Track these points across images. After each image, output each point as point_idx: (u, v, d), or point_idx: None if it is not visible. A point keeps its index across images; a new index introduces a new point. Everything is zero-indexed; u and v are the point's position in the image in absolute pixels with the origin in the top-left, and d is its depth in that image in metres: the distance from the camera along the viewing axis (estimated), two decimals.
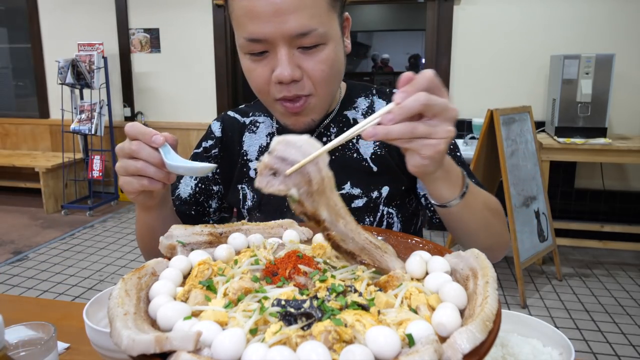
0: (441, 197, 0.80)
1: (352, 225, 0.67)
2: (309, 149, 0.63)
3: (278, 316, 0.53)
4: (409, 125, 0.63)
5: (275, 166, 0.64)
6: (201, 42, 4.75)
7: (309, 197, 0.64)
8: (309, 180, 0.63)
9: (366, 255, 0.68)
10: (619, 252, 3.75)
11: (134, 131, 0.76)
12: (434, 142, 0.65)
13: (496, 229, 0.93)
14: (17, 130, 5.48)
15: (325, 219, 0.65)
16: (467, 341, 0.47)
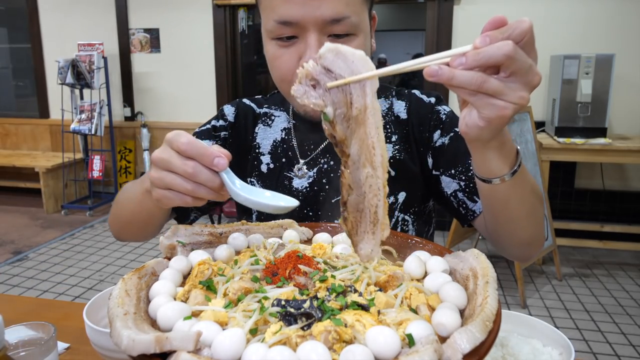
0: (489, 170, 0.71)
1: (374, 183, 0.58)
2: (360, 67, 0.56)
3: (278, 316, 0.53)
4: (480, 76, 0.54)
5: (318, 77, 0.58)
6: (201, 42, 4.75)
7: (344, 121, 0.57)
8: (349, 103, 0.57)
9: (353, 218, 0.61)
10: (619, 252, 3.75)
11: (191, 150, 0.63)
12: (501, 104, 0.56)
13: (539, 218, 0.84)
14: (17, 130, 5.48)
15: (351, 154, 0.58)
16: (467, 341, 0.47)
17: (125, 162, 5.12)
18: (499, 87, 0.55)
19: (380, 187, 0.58)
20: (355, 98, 0.57)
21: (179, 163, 0.64)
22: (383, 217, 0.60)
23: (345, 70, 0.56)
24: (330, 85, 0.57)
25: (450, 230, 3.29)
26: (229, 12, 4.63)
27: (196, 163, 0.64)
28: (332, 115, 0.57)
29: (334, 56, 0.57)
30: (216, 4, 4.59)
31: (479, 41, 0.53)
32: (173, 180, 0.65)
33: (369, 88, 0.56)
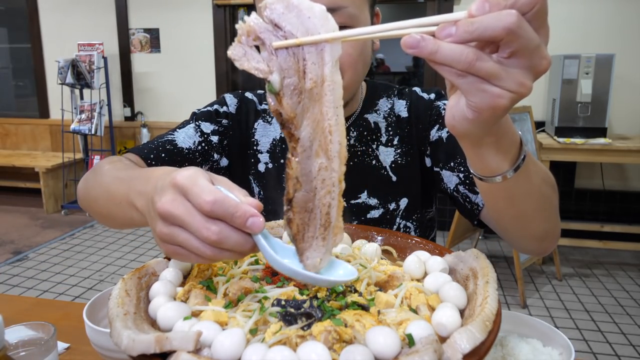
0: (486, 168, 0.60)
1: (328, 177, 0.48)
2: (319, 25, 0.45)
3: (278, 316, 0.53)
4: (471, 52, 0.42)
5: (263, 34, 0.46)
6: (201, 42, 4.75)
7: (295, 95, 0.46)
8: (302, 71, 0.46)
9: (299, 220, 0.50)
10: (619, 252, 3.75)
11: (218, 210, 0.48)
12: (495, 92, 0.44)
13: (553, 210, 0.74)
14: (17, 130, 5.48)
15: (301, 138, 0.47)
16: (467, 341, 0.47)
17: None
18: (494, 69, 0.43)
19: (336, 183, 0.49)
20: (310, 66, 0.46)
21: (199, 226, 0.48)
22: (336, 220, 0.50)
23: (298, 28, 0.45)
24: (276, 44, 0.45)
25: (450, 230, 3.29)
26: (229, 12, 4.63)
27: (223, 226, 0.48)
28: (278, 85, 0.46)
29: (284, 8, 0.45)
30: (216, 4, 4.59)
31: (475, 8, 0.42)
32: (187, 241, 0.50)
33: (329, 55, 0.45)
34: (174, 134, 0.99)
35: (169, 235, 0.51)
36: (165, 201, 0.50)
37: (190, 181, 0.49)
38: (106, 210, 0.77)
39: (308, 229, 0.51)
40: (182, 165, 0.94)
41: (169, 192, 0.50)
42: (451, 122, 0.52)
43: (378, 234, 0.79)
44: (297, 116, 0.47)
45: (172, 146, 0.96)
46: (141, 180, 0.63)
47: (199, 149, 0.99)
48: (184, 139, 0.98)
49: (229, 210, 0.48)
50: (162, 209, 0.50)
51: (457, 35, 0.42)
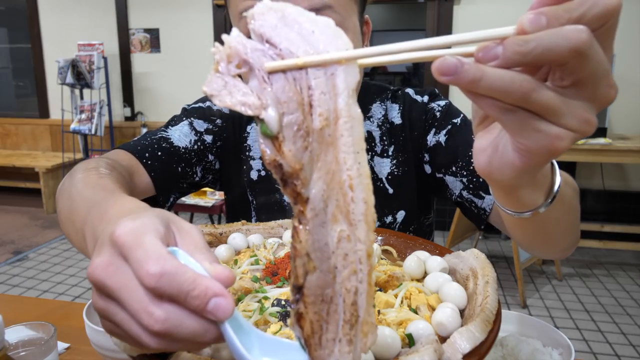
0: (517, 204, 0.52)
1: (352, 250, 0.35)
2: (326, 42, 0.34)
3: (278, 316, 0.53)
4: (525, 81, 0.33)
5: (249, 56, 0.34)
6: (201, 42, 4.75)
7: (299, 138, 0.34)
8: (307, 105, 0.34)
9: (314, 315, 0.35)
10: (619, 252, 3.75)
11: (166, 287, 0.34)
12: (552, 132, 0.35)
13: (578, 222, 0.67)
14: (17, 130, 5.48)
15: (311, 198, 0.34)
16: (467, 341, 0.47)
17: None
18: (554, 102, 0.34)
19: (363, 258, 0.35)
20: (318, 97, 0.34)
21: (138, 308, 0.34)
22: (366, 312, 0.35)
23: (299, 46, 0.34)
24: (270, 66, 0.34)
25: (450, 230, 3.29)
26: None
27: (173, 309, 0.34)
28: (276, 125, 0.34)
29: (278, 19, 0.34)
30: (216, 4, 4.59)
31: (528, 22, 0.32)
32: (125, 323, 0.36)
33: (343, 81, 0.34)
34: (168, 132, 0.93)
35: (104, 310, 0.37)
36: (99, 264, 0.36)
37: (133, 239, 0.35)
38: (66, 229, 0.65)
39: (327, 329, 0.35)
40: (179, 165, 0.90)
41: (106, 252, 0.37)
42: (486, 169, 0.42)
43: (378, 234, 0.79)
44: (304, 167, 0.34)
45: (168, 144, 0.90)
46: (98, 214, 0.49)
47: (195, 148, 0.94)
48: (180, 137, 0.93)
49: (183, 288, 0.34)
50: (94, 276, 0.36)
51: (505, 58, 0.32)
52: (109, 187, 0.61)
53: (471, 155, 0.83)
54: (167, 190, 0.91)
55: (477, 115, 0.44)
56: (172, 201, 0.94)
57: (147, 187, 0.86)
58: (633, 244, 3.54)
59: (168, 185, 0.90)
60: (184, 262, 0.36)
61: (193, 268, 0.35)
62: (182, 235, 0.39)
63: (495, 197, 0.54)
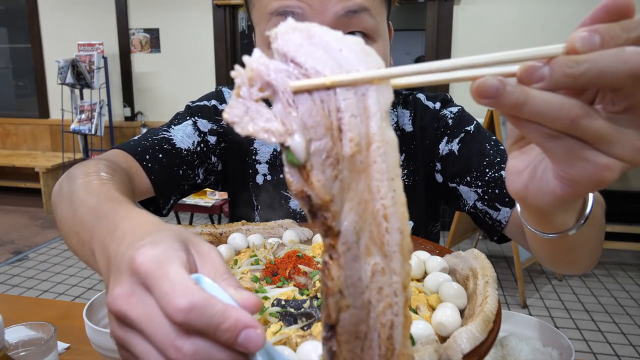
0: (550, 227, 0.50)
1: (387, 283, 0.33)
2: (355, 61, 0.32)
3: (278, 316, 0.53)
4: (575, 106, 0.31)
5: (272, 77, 0.31)
6: (201, 42, 4.75)
7: (328, 166, 0.31)
8: (337, 129, 0.31)
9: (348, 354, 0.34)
10: (619, 252, 3.75)
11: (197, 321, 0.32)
12: (601, 162, 0.32)
13: (602, 239, 0.65)
14: (17, 130, 5.48)
15: (342, 232, 0.32)
16: (467, 341, 0.47)
17: None
18: (605, 130, 0.31)
19: (399, 291, 0.33)
20: (348, 120, 0.31)
21: (165, 341, 0.32)
22: (402, 345, 0.34)
23: (326, 64, 0.31)
24: (295, 85, 0.31)
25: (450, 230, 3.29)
26: (229, 12, 4.63)
27: (201, 343, 0.32)
28: (303, 153, 0.31)
29: (304, 38, 0.32)
30: (216, 4, 4.59)
31: (580, 40, 0.29)
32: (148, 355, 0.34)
33: (375, 102, 0.31)
34: (170, 132, 0.91)
35: (124, 341, 0.35)
36: (120, 294, 0.34)
37: (156, 269, 0.33)
38: (69, 240, 0.61)
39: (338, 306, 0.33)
40: (180, 167, 0.88)
41: (126, 281, 0.35)
42: (521, 193, 0.39)
43: None
44: (335, 199, 0.31)
45: (169, 145, 0.88)
46: (107, 228, 0.47)
47: (198, 150, 0.91)
48: (182, 138, 0.90)
49: (212, 321, 0.32)
50: (115, 307, 0.34)
51: (553, 80, 0.29)
52: (114, 196, 0.58)
53: (485, 164, 0.82)
54: (167, 193, 0.89)
55: (512, 134, 0.41)
56: (172, 203, 0.92)
57: (146, 189, 0.84)
58: (633, 244, 3.54)
59: (168, 188, 0.88)
60: (209, 289, 0.34)
61: (219, 297, 0.33)
62: (202, 259, 0.37)
63: (523, 216, 0.52)
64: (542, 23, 3.93)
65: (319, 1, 0.66)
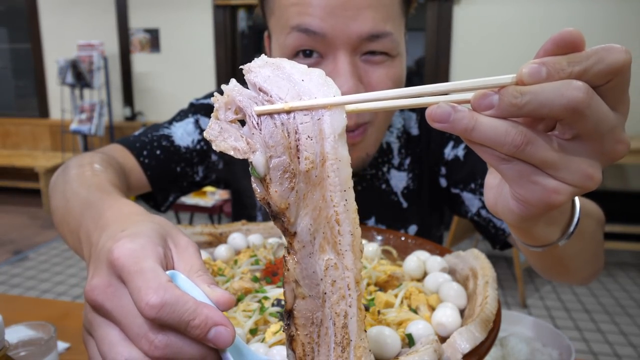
0: (533, 239, 0.51)
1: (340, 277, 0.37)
2: (314, 90, 0.37)
3: (278, 316, 0.53)
4: (518, 135, 0.33)
5: (242, 102, 0.37)
6: (201, 42, 4.75)
7: (285, 180, 0.36)
8: (294, 148, 0.36)
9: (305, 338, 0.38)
10: (619, 252, 3.75)
11: (167, 317, 0.33)
12: (549, 185, 0.34)
13: (602, 250, 0.66)
14: (17, 130, 5.48)
15: (298, 232, 0.37)
16: (467, 341, 0.47)
17: None
18: (550, 156, 0.33)
19: (352, 285, 0.37)
20: (304, 141, 0.36)
21: (138, 333, 0.34)
22: (358, 336, 0.37)
23: (288, 92, 0.36)
24: (258, 110, 0.36)
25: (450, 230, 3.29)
26: (229, 12, 4.64)
27: (173, 337, 0.34)
28: (263, 168, 0.36)
29: (272, 71, 0.37)
30: (216, 4, 4.59)
31: (527, 73, 0.32)
32: (118, 345, 0.35)
33: (329, 126, 0.36)
34: (170, 128, 0.90)
35: (96, 329, 0.36)
36: (97, 285, 0.36)
37: (132, 264, 0.35)
38: (61, 229, 0.63)
39: (319, 351, 0.37)
40: (178, 165, 0.88)
41: (104, 272, 0.36)
42: (492, 208, 0.43)
43: (378, 233, 0.79)
44: (290, 207, 0.36)
45: (168, 142, 0.88)
46: (92, 216, 0.48)
47: (198, 148, 0.91)
48: (182, 135, 0.90)
49: (183, 318, 0.33)
50: (92, 296, 0.36)
51: (500, 108, 0.32)
52: (104, 187, 0.59)
53: None
54: (165, 190, 0.89)
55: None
56: (171, 200, 0.92)
57: (143, 185, 0.84)
58: (632, 244, 3.54)
59: (165, 185, 0.88)
60: (183, 285, 0.36)
61: (193, 293, 0.35)
62: (180, 253, 0.39)
63: (512, 233, 0.53)
64: (542, 23, 3.93)
65: (343, 23, 0.65)
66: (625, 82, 0.33)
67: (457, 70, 4.19)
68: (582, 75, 0.32)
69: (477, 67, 4.14)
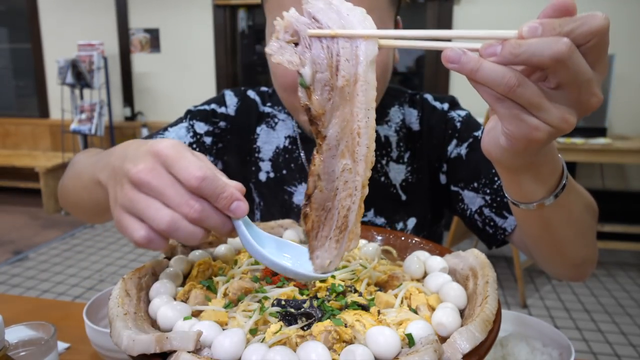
0: (522, 194, 0.58)
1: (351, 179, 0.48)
2: (356, 22, 0.45)
3: (278, 316, 0.53)
4: (514, 76, 0.40)
5: (298, 26, 0.46)
6: (201, 42, 4.75)
7: (325, 91, 0.46)
8: (334, 67, 0.45)
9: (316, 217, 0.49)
10: (619, 252, 3.75)
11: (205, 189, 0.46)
12: (532, 123, 0.42)
13: (591, 237, 0.72)
14: (17, 130, 5.48)
15: (328, 136, 0.47)
16: (467, 341, 0.47)
17: None
18: (535, 98, 0.41)
19: (358, 187, 0.48)
20: (343, 63, 0.45)
21: (181, 201, 0.46)
22: (354, 225, 0.49)
23: (335, 22, 0.45)
24: (310, 32, 0.45)
25: (450, 230, 3.29)
26: (229, 12, 4.64)
27: (205, 204, 0.47)
28: (309, 79, 0.45)
29: (325, 4, 0.46)
30: (216, 4, 4.59)
31: (526, 29, 0.40)
32: (160, 219, 0.46)
33: (363, 53, 0.44)
34: (164, 134, 0.94)
35: (139, 204, 0.47)
36: (143, 169, 0.47)
37: (175, 152, 0.47)
38: (76, 196, 0.72)
39: (323, 228, 0.49)
40: None
41: (148, 161, 0.47)
42: (486, 146, 0.51)
43: (378, 234, 0.79)
44: (326, 113, 0.46)
45: None
46: (106, 155, 0.58)
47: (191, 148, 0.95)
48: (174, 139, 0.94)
49: (216, 191, 0.47)
50: (138, 177, 0.47)
51: (502, 56, 0.40)
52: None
53: (495, 172, 0.83)
54: None
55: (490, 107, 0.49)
56: None
57: None
58: (633, 244, 3.54)
59: None
60: None
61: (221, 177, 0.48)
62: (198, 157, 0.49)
63: (503, 186, 0.60)
64: None
65: None
66: (603, 44, 0.40)
67: None
68: (569, 34, 0.39)
69: None
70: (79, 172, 0.72)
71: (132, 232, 0.48)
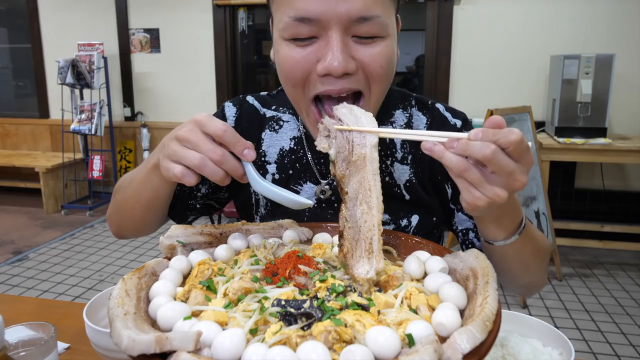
0: (484, 233, 0.78)
1: (369, 219, 0.66)
2: (365, 122, 0.69)
3: (278, 316, 0.53)
4: (463, 164, 0.60)
5: (331, 127, 0.71)
6: (201, 42, 4.75)
7: (344, 163, 0.68)
8: (350, 149, 0.68)
9: (349, 245, 0.66)
10: (619, 252, 3.75)
11: (227, 137, 0.68)
12: (476, 194, 0.62)
13: (539, 269, 0.89)
14: (17, 130, 5.48)
15: (349, 192, 0.68)
16: (467, 341, 0.47)
17: (125, 162, 5.12)
18: (477, 179, 0.61)
19: (375, 225, 0.65)
20: (356, 147, 0.68)
21: (209, 147, 0.67)
22: (378, 251, 0.65)
23: (352, 122, 0.70)
24: (336, 127, 0.70)
25: None
26: (229, 12, 4.63)
27: (226, 152, 0.68)
28: (334, 156, 0.69)
29: (347, 111, 0.71)
30: (216, 4, 4.59)
31: (473, 133, 0.59)
32: (193, 158, 0.67)
33: (369, 141, 0.68)
34: None
35: (180, 151, 0.68)
36: (186, 130, 0.69)
37: (208, 118, 0.69)
38: (132, 195, 0.88)
39: (355, 252, 0.66)
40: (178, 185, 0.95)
41: (189, 124, 0.70)
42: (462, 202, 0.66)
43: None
44: (345, 177, 0.68)
45: None
46: (152, 153, 0.80)
47: None
48: None
49: (234, 140, 0.69)
50: (182, 135, 0.68)
51: (457, 149, 0.60)
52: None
53: None
54: (181, 212, 0.98)
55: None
56: (190, 220, 1.01)
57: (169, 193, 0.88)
58: (633, 244, 3.54)
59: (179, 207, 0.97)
60: None
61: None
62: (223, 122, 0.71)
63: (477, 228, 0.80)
64: (542, 23, 3.93)
65: (334, 4, 0.74)
66: (521, 149, 0.59)
67: (457, 69, 4.19)
68: (496, 141, 0.58)
69: (477, 67, 4.14)
70: (131, 179, 0.89)
71: (173, 169, 0.69)
